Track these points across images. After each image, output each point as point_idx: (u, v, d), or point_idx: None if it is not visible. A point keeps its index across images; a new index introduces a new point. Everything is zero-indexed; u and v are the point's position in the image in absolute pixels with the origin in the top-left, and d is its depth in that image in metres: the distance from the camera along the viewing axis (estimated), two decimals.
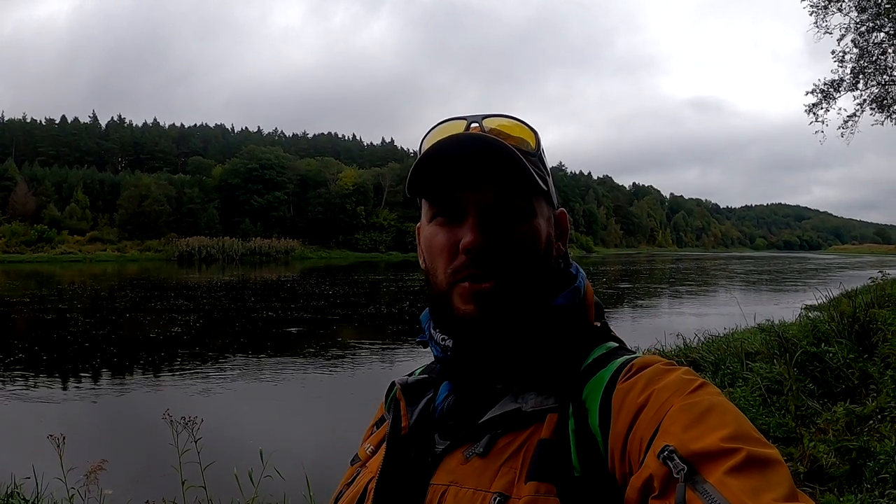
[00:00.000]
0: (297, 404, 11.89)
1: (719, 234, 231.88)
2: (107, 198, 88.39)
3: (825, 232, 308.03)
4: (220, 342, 18.16)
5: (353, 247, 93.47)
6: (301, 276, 47.85)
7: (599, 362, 1.00)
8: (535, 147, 1.10)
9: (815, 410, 6.42)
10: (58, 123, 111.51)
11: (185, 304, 27.40)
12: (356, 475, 1.14)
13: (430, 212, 1.08)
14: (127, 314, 24.14)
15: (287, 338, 18.71)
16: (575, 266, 1.16)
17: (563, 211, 1.16)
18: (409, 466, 1.03)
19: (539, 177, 1.03)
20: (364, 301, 29.16)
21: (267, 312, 24.26)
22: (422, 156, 1.03)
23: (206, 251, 78.11)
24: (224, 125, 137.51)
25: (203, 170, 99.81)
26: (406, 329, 19.97)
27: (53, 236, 78.60)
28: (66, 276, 47.23)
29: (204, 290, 35.25)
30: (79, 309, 25.54)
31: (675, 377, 0.88)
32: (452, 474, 0.97)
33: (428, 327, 1.13)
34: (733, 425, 0.76)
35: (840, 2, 18.29)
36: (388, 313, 25.33)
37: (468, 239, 0.99)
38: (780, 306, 19.29)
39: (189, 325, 20.97)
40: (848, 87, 19.31)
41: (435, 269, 1.06)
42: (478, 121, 1.09)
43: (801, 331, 9.73)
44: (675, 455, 0.74)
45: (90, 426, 10.21)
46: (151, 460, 7.48)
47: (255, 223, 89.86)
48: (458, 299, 1.02)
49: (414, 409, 1.11)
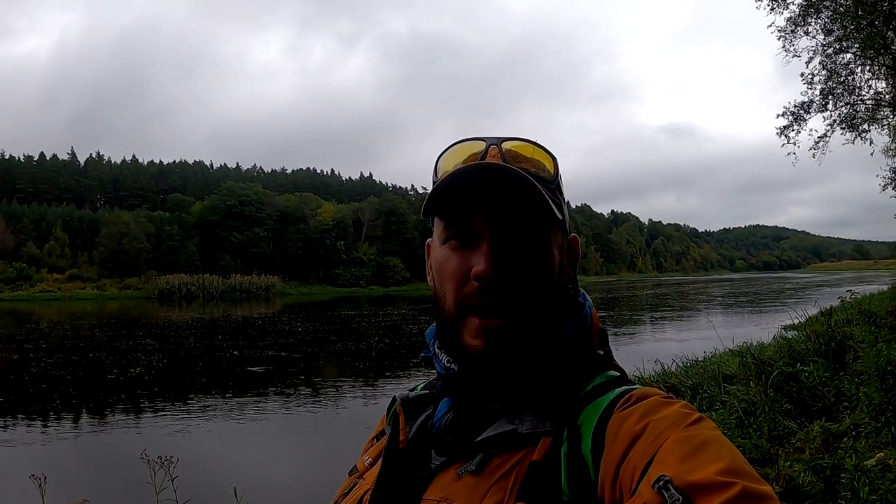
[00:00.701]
0: (274, 442, 11.97)
1: (699, 257, 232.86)
2: (86, 235, 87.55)
3: (804, 251, 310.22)
4: (199, 381, 18.26)
5: (334, 282, 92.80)
6: (281, 313, 47.54)
7: (599, 390, 1.01)
8: (553, 173, 1.11)
9: (792, 430, 6.42)
10: (36, 160, 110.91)
11: (165, 343, 27.20)
12: (353, 486, 1.15)
13: (443, 233, 1.08)
14: (106, 353, 23.93)
15: (265, 376, 18.68)
16: (583, 294, 1.18)
17: (575, 236, 1.18)
18: (404, 480, 1.04)
19: (556, 204, 1.04)
20: (344, 337, 29.07)
21: (246, 350, 24.16)
22: (442, 181, 1.03)
23: (187, 288, 77.20)
24: (203, 161, 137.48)
25: (182, 207, 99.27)
26: (385, 364, 20.10)
27: (32, 274, 77.94)
28: (46, 315, 46.75)
29: (184, 329, 35.03)
30: (58, 348, 25.41)
31: (673, 410, 0.88)
32: (444, 490, 0.97)
33: (433, 345, 1.14)
34: (728, 459, 0.76)
35: (806, 25, 18.90)
36: (367, 349, 25.24)
37: (481, 267, 0.99)
38: (759, 327, 19.44)
39: (168, 364, 20.94)
40: (818, 109, 19.97)
41: (444, 293, 1.07)
42: (496, 143, 1.09)
43: (777, 351, 9.83)
44: (671, 485, 0.73)
45: (69, 466, 10.14)
46: (131, 499, 7.52)
47: (235, 260, 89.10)
48: (468, 334, 1.03)
49: (413, 424, 1.12)
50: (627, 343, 23.75)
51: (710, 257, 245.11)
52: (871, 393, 6.48)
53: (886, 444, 5.48)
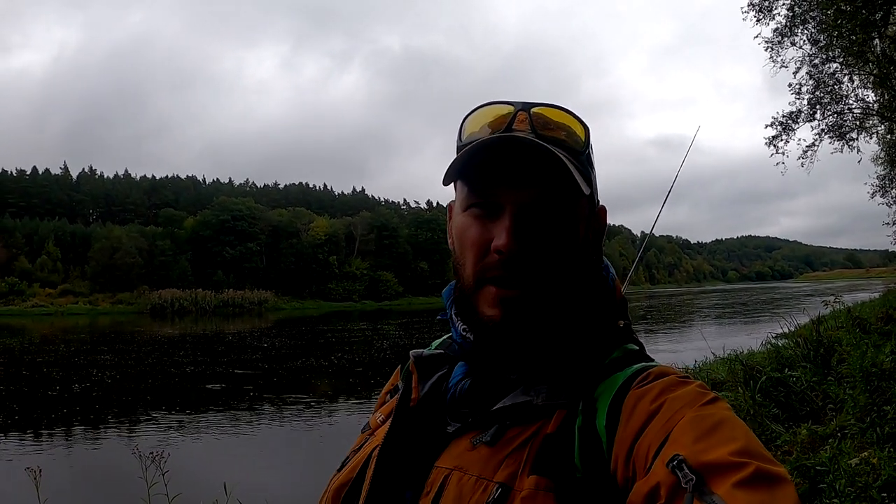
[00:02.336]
0: (263, 448, 12.16)
1: (691, 269, 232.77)
2: (78, 250, 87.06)
3: (796, 261, 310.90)
4: (189, 394, 18.19)
5: (327, 296, 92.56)
6: (273, 328, 47.51)
7: (616, 364, 1.00)
8: (584, 143, 1.08)
9: (779, 433, 6.53)
10: (28, 175, 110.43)
11: (156, 357, 27.22)
12: (364, 442, 1.17)
13: (466, 200, 1.07)
14: (97, 367, 23.80)
15: (255, 389, 18.67)
16: (606, 264, 1.17)
17: (604, 207, 1.17)
18: (415, 441, 1.04)
19: (584, 177, 1.02)
20: (338, 350, 29.00)
21: (240, 365, 24.12)
22: (467, 151, 1.00)
23: (179, 303, 76.97)
24: (195, 177, 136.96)
25: (175, 222, 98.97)
26: (378, 380, 20.10)
27: (24, 289, 77.68)
28: (38, 330, 46.69)
29: (176, 344, 34.96)
30: (48, 362, 25.28)
31: (689, 389, 0.88)
32: (458, 459, 0.97)
33: (450, 310, 1.13)
34: (743, 440, 0.76)
35: (793, 35, 18.99)
36: (357, 362, 25.24)
37: (502, 241, 0.97)
38: (750, 336, 19.43)
39: (158, 377, 20.97)
40: (806, 118, 20.06)
41: (464, 262, 1.06)
42: (526, 109, 1.06)
43: (765, 358, 9.96)
44: (685, 465, 0.73)
45: (62, 470, 10.24)
46: (117, 496, 7.98)
47: (227, 274, 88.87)
48: (484, 303, 1.02)
49: (426, 383, 1.13)
50: None
51: (703, 268, 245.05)
52: (857, 395, 6.67)
53: (871, 444, 5.58)
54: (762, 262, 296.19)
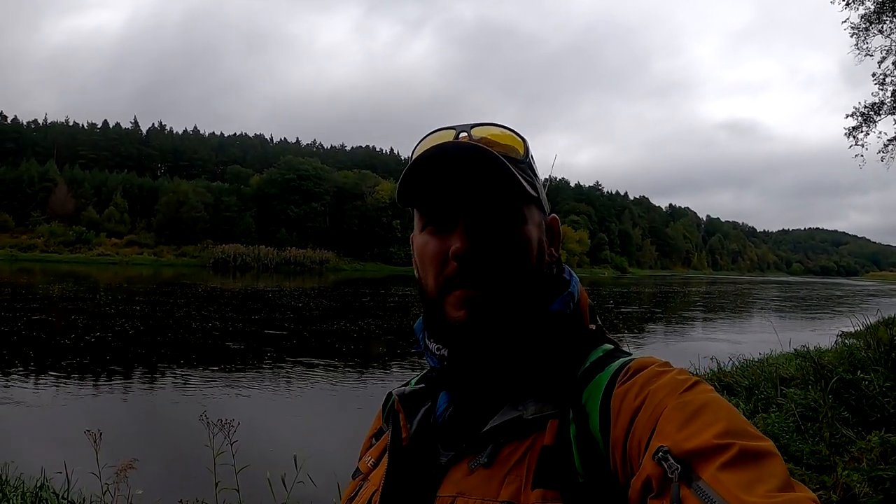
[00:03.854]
0: (333, 414, 11.59)
1: (755, 257, 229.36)
2: (145, 202, 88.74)
3: (863, 258, 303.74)
4: (253, 349, 17.57)
5: (388, 260, 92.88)
6: (334, 288, 47.47)
7: (597, 366, 1.00)
8: (524, 154, 1.10)
9: (850, 439, 6.29)
10: (99, 128, 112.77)
11: (222, 310, 27.02)
12: (359, 489, 1.14)
13: (421, 221, 1.09)
14: (163, 317, 23.71)
15: (327, 348, 18.16)
16: (568, 271, 1.17)
17: (555, 217, 1.17)
18: (413, 478, 1.03)
19: (528, 183, 1.05)
20: (405, 313, 28.43)
21: (305, 322, 23.65)
22: (409, 165, 1.03)
23: (242, 259, 77.85)
24: (263, 135, 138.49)
25: (241, 178, 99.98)
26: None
27: (91, 238, 79.65)
28: (103, 278, 47.43)
29: (240, 298, 34.97)
30: (115, 310, 25.11)
31: (668, 378, 0.89)
32: (458, 486, 0.96)
33: (423, 338, 1.13)
34: (725, 421, 0.77)
35: (881, 24, 18.30)
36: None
37: (457, 245, 1.00)
38: (816, 332, 18.66)
39: (224, 330, 20.54)
40: (889, 111, 19.23)
41: (426, 278, 1.07)
42: (466, 130, 1.09)
43: (836, 357, 9.54)
44: (669, 455, 0.74)
45: (122, 425, 9.79)
46: (182, 461, 7.81)
47: (290, 233, 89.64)
48: (450, 307, 1.03)
49: (413, 420, 1.11)
50: (684, 339, 23.51)
51: (767, 258, 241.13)
52: None
53: None
54: (828, 256, 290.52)
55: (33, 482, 5.54)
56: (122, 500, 4.93)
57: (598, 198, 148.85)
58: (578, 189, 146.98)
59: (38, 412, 10.53)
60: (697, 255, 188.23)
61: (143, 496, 5.09)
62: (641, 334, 24.73)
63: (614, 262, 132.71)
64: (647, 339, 23.05)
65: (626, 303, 42.47)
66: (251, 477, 5.20)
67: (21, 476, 5.76)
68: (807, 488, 0.68)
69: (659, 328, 27.47)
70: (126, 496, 4.92)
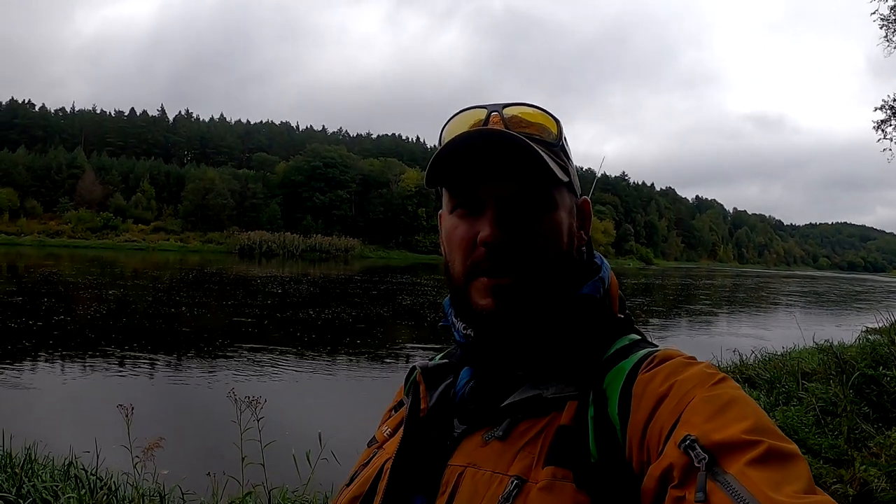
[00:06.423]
0: (358, 395, 11.64)
1: (782, 251, 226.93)
2: (172, 189, 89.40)
3: (890, 254, 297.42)
4: (280, 333, 17.65)
5: (413, 248, 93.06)
6: (359, 274, 47.44)
7: (621, 353, 1.00)
8: (557, 136, 1.08)
9: (869, 434, 6.29)
10: (127, 115, 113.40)
11: (248, 294, 27.21)
12: (372, 456, 1.15)
13: (450, 203, 1.08)
14: (190, 301, 23.82)
15: (352, 333, 18.00)
16: (599, 256, 1.17)
17: (587, 199, 1.16)
18: (427, 448, 1.04)
19: (560, 167, 1.03)
20: (429, 300, 28.25)
21: (329, 308, 23.51)
22: (442, 148, 1.01)
23: (267, 245, 77.79)
24: (289, 123, 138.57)
25: (267, 166, 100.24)
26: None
27: (118, 224, 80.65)
28: (129, 264, 47.68)
29: (266, 283, 35.05)
30: (142, 294, 25.47)
31: (697, 370, 0.88)
32: (471, 456, 0.97)
33: (450, 314, 1.13)
34: (753, 418, 0.76)
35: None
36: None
37: (486, 233, 0.99)
38: (841, 328, 18.13)
39: (251, 314, 20.62)
40: None
41: (453, 261, 1.07)
42: (498, 109, 1.07)
43: (859, 353, 9.38)
44: (697, 444, 0.74)
45: (149, 404, 9.76)
46: (208, 438, 8.05)
47: (316, 220, 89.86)
48: (476, 294, 1.03)
49: (433, 393, 1.11)
50: (707, 331, 23.31)
51: (794, 252, 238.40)
52: None
53: None
54: (855, 251, 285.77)
55: (62, 461, 5.57)
56: (150, 477, 5.03)
57: (624, 188, 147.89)
58: (605, 179, 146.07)
59: (67, 392, 10.74)
60: (723, 247, 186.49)
61: (168, 476, 5.20)
62: (666, 323, 24.68)
63: (639, 253, 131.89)
64: (670, 330, 23.07)
65: (650, 295, 42.04)
66: (276, 454, 5.29)
67: (50, 454, 5.76)
68: (829, 496, 0.68)
69: (683, 320, 27.24)
70: (153, 474, 5.04)
